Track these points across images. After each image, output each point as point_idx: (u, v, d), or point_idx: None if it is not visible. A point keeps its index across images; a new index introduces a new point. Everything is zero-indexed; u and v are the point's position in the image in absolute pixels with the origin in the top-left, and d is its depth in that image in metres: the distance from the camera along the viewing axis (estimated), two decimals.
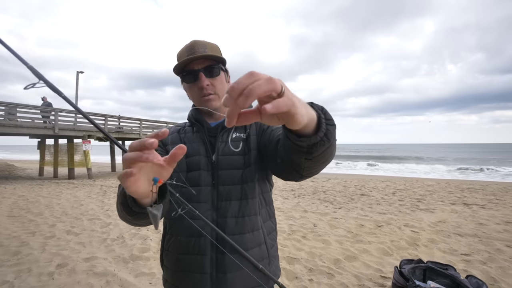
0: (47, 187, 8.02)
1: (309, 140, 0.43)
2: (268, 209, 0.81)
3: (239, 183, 0.73)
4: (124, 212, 0.54)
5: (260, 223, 0.76)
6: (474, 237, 3.48)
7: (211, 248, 0.71)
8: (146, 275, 2.42)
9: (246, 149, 0.76)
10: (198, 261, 0.70)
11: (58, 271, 2.47)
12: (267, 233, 0.78)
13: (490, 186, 8.15)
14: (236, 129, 0.79)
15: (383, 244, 3.15)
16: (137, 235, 3.46)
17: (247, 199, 0.74)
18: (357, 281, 2.30)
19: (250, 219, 0.74)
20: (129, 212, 0.52)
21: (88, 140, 10.92)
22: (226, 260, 0.70)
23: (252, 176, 0.74)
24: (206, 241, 0.70)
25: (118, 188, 0.61)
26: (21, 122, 9.52)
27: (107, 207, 5.16)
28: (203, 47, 0.74)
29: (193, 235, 0.71)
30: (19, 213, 4.75)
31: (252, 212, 0.74)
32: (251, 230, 0.73)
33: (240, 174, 0.74)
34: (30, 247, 3.07)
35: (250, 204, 0.74)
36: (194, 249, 0.71)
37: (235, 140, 0.77)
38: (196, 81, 0.74)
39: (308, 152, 0.47)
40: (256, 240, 0.73)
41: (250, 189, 0.74)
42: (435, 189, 7.52)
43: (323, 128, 0.43)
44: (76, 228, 3.84)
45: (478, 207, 5.19)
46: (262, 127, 0.79)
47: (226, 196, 0.73)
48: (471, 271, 2.46)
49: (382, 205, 5.38)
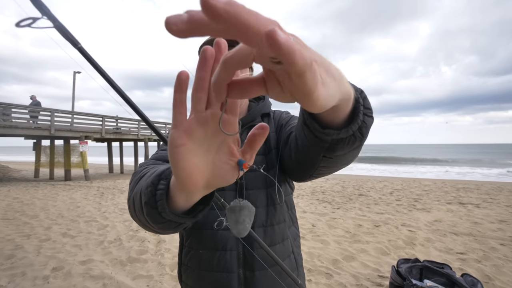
0: (43, 189, 7.92)
1: (337, 134, 0.32)
2: (291, 214, 0.73)
3: (263, 187, 0.65)
4: (146, 216, 0.37)
5: (287, 232, 0.68)
6: (469, 236, 3.52)
7: (237, 264, 0.62)
8: (144, 278, 2.41)
9: (266, 149, 0.68)
10: (224, 280, 0.61)
11: (53, 275, 2.44)
12: (293, 240, 0.70)
13: (485, 186, 8.25)
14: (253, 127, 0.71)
15: (380, 244, 3.17)
16: (134, 237, 3.44)
17: (274, 204, 0.66)
18: (355, 281, 2.31)
19: (280, 227, 0.66)
20: (154, 218, 0.36)
21: (85, 141, 10.82)
22: (256, 277, 0.61)
23: (279, 180, 0.66)
24: (232, 256, 0.61)
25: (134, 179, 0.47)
26: (16, 123, 9.40)
27: (104, 209, 5.12)
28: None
29: (216, 248, 0.62)
30: (14, 215, 4.68)
31: (280, 219, 0.66)
32: (281, 240, 0.65)
33: (264, 177, 0.65)
34: (25, 250, 3.03)
35: (278, 210, 0.66)
36: (218, 265, 0.61)
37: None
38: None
39: (329, 149, 0.36)
40: (286, 251, 0.66)
41: (275, 194, 0.66)
42: (432, 189, 7.59)
43: (359, 120, 0.31)
44: (72, 230, 3.80)
45: (473, 206, 5.25)
46: (280, 122, 0.71)
47: (251, 202, 0.64)
48: (466, 269, 2.49)
49: (380, 205, 5.42)
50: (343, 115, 0.30)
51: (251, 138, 0.27)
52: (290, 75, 0.18)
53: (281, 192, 0.66)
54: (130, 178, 0.52)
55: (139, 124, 13.69)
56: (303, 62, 0.17)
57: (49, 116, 9.99)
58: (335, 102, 0.24)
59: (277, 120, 0.73)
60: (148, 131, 14.11)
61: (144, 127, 14.08)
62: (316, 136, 0.35)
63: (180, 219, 0.35)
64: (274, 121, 0.74)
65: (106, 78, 0.50)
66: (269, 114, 0.76)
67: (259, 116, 0.73)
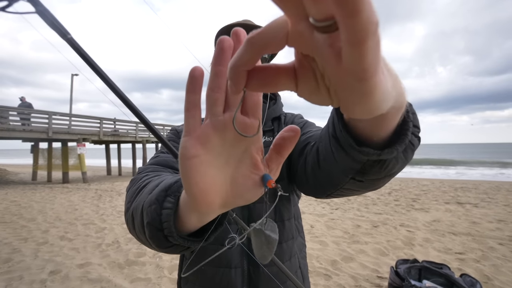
0: (41, 191, 7.87)
1: (377, 154, 0.24)
2: (297, 224, 0.68)
3: (271, 200, 0.63)
4: (149, 238, 0.32)
5: (295, 248, 0.64)
6: (468, 235, 3.53)
7: (242, 282, 0.58)
8: (142, 280, 2.39)
9: None
10: None
11: (51, 278, 2.42)
12: (299, 251, 0.66)
13: (483, 185, 8.29)
14: (265, 133, 0.65)
15: (379, 244, 3.17)
16: (132, 240, 3.42)
17: (283, 220, 0.61)
18: (354, 282, 2.31)
19: (288, 244, 0.62)
20: (159, 241, 0.30)
21: (83, 144, 10.78)
22: None
23: (286, 191, 0.61)
24: (237, 273, 0.58)
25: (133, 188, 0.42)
26: (14, 126, 9.35)
27: (102, 211, 5.09)
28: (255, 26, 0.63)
29: (220, 265, 0.59)
30: (11, 219, 4.64)
31: (289, 236, 0.62)
32: (288, 258, 0.61)
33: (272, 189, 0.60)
34: (22, 254, 3.00)
35: (287, 226, 0.62)
36: (221, 282, 0.58)
37: (264, 146, 0.63)
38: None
39: (362, 172, 0.29)
40: (293, 267, 0.62)
41: (284, 208, 0.62)
42: (430, 189, 7.62)
43: (407, 139, 0.24)
44: (70, 233, 3.77)
45: (471, 206, 5.27)
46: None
47: (259, 216, 0.59)
48: (465, 269, 2.49)
49: (378, 205, 5.42)
50: (388, 130, 0.23)
51: (279, 142, 0.23)
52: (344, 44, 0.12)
53: (291, 207, 0.62)
54: (128, 185, 0.48)
55: (137, 126, 13.66)
56: (369, 16, 0.11)
57: (46, 118, 9.95)
58: (388, 107, 0.16)
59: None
60: (146, 133, 14.08)
61: (142, 129, 14.05)
62: (347, 154, 0.27)
63: (189, 244, 0.29)
64: (286, 126, 0.65)
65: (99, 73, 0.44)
66: (280, 118, 0.69)
67: (270, 120, 0.67)
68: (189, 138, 0.21)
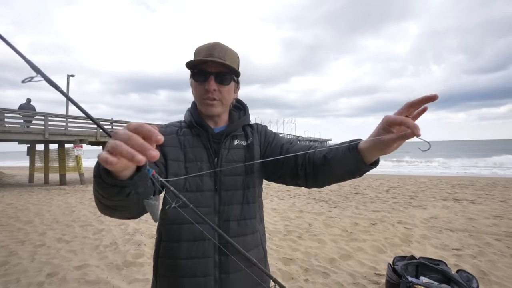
0: (37, 194, 7.81)
1: (373, 167, 0.61)
2: (261, 214, 0.85)
3: (241, 188, 0.77)
4: (97, 187, 0.47)
5: (257, 226, 0.80)
6: (465, 232, 3.56)
7: (214, 251, 0.72)
8: (140, 282, 2.38)
9: (248, 156, 0.79)
10: (202, 264, 0.71)
11: (48, 281, 2.41)
12: (261, 235, 0.82)
13: (480, 182, 8.36)
14: (237, 136, 0.82)
15: (377, 242, 3.19)
16: (130, 241, 3.41)
17: (249, 203, 0.77)
18: (352, 280, 2.32)
19: (251, 221, 0.77)
20: (101, 185, 0.45)
21: (80, 145, 10.71)
22: (229, 261, 0.71)
23: (254, 182, 0.78)
24: (210, 244, 0.71)
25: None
26: (10, 128, 9.27)
27: (99, 213, 5.05)
28: (223, 53, 0.74)
29: (195, 239, 0.71)
30: (7, 221, 4.61)
31: (252, 215, 0.78)
32: (251, 232, 0.77)
33: (242, 180, 0.77)
34: (19, 257, 2.98)
35: (251, 208, 0.78)
36: (197, 253, 0.71)
37: (236, 148, 0.80)
38: (204, 82, 0.74)
39: (360, 174, 0.63)
40: (255, 241, 0.77)
41: (251, 194, 0.78)
42: (427, 186, 7.67)
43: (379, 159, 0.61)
44: (67, 235, 3.75)
45: (468, 202, 5.31)
46: (268, 139, 0.84)
47: (228, 201, 0.75)
48: (461, 265, 2.51)
49: (376, 203, 5.45)
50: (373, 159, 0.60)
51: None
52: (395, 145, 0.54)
53: (255, 194, 0.80)
54: None
55: None
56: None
57: (43, 120, 9.87)
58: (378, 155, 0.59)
59: (263, 135, 0.85)
60: None
61: None
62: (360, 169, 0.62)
63: (120, 183, 0.43)
64: (259, 135, 0.84)
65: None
66: (252, 126, 0.87)
67: (241, 126, 0.84)
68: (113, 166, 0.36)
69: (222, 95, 0.76)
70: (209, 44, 0.76)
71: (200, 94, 0.76)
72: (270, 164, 0.77)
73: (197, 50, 0.77)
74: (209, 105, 0.76)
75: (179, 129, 0.81)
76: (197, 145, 0.77)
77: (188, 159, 0.75)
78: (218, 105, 0.77)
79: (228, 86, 0.77)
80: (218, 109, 0.77)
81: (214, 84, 0.74)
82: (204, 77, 0.74)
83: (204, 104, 0.76)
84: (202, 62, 0.73)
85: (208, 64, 0.73)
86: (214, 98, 0.75)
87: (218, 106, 0.77)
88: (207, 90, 0.74)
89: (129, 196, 0.47)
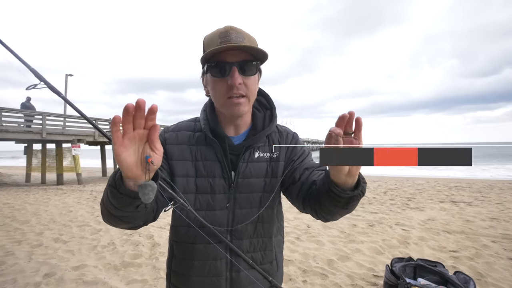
0: (34, 193, 7.76)
1: (352, 193, 0.50)
2: (279, 225, 0.78)
3: (257, 206, 0.69)
4: (109, 196, 0.49)
5: (274, 244, 0.74)
6: (462, 233, 3.59)
7: (226, 269, 0.69)
8: (138, 282, 2.38)
9: (270, 172, 0.70)
10: (214, 282, 0.69)
11: (45, 281, 2.39)
12: (277, 245, 0.76)
13: (476, 184, 8.42)
14: (259, 148, 0.70)
15: (375, 243, 3.20)
16: (128, 241, 3.40)
17: (263, 223, 0.71)
18: (350, 281, 2.33)
19: (264, 240, 0.72)
20: (114, 194, 0.47)
21: (78, 145, 10.65)
22: (241, 277, 0.69)
23: (272, 201, 0.70)
24: (222, 263, 0.68)
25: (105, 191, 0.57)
26: (7, 127, 9.20)
27: (97, 213, 5.04)
28: (241, 36, 0.61)
29: (208, 258, 0.68)
30: (4, 221, 4.57)
31: (267, 234, 0.72)
32: (263, 250, 0.72)
33: (259, 198, 0.69)
34: (16, 257, 2.96)
35: (266, 227, 0.72)
36: (210, 272, 0.68)
37: (257, 161, 0.69)
38: (226, 76, 0.60)
39: (346, 203, 0.52)
40: (268, 258, 0.73)
41: (267, 214, 0.71)
42: (425, 188, 7.71)
43: (361, 185, 0.51)
44: (65, 235, 3.73)
45: (465, 205, 5.35)
46: (292, 157, 0.71)
47: (242, 219, 0.68)
48: (459, 267, 2.53)
49: (374, 205, 5.47)
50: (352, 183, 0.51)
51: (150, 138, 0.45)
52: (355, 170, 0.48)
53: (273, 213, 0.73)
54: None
55: None
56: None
57: (40, 119, 9.81)
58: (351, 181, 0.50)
59: (290, 150, 0.72)
60: None
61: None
62: (339, 196, 0.51)
63: (132, 194, 0.46)
64: (287, 151, 0.72)
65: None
66: (281, 132, 0.75)
67: (265, 136, 0.71)
68: (116, 146, 0.41)
69: (248, 89, 0.62)
70: (219, 30, 0.62)
71: (222, 92, 0.62)
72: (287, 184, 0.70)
73: (207, 39, 0.63)
74: (235, 104, 0.61)
75: (192, 134, 0.70)
76: (210, 158, 0.68)
77: (199, 174, 0.67)
78: (246, 103, 0.63)
79: (253, 77, 0.63)
80: (246, 107, 0.64)
81: (239, 76, 0.60)
82: (225, 69, 0.60)
83: (229, 104, 0.62)
84: (221, 50, 0.58)
85: (227, 53, 0.60)
86: (242, 94, 0.61)
87: (245, 105, 0.63)
88: (231, 85, 0.60)
89: (138, 208, 0.50)
